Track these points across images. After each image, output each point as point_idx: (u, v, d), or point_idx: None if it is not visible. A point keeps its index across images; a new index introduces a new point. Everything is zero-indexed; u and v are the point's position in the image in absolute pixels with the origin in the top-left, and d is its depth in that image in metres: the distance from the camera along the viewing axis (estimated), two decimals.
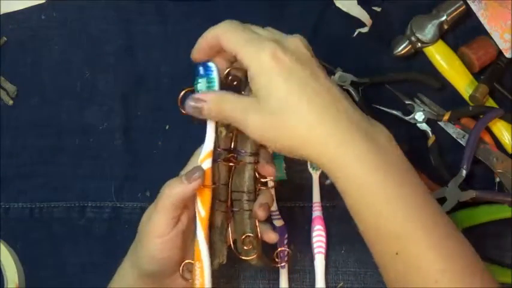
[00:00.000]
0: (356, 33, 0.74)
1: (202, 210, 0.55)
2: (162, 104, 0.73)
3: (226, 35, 0.50)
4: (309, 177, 0.70)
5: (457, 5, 0.72)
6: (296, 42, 0.50)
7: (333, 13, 0.75)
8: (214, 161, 0.55)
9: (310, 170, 0.70)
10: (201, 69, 0.54)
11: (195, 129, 0.72)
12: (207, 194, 0.55)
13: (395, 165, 0.48)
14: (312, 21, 0.75)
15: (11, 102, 0.74)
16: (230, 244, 0.57)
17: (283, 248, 0.59)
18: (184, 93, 0.54)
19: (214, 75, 0.54)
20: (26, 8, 0.76)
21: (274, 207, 0.68)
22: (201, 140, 0.72)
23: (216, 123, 0.55)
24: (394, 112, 0.71)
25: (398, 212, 0.46)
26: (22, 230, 0.70)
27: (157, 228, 0.54)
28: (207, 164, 0.55)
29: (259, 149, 0.56)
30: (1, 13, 0.76)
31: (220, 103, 0.51)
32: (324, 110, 0.47)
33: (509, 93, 0.72)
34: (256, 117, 0.49)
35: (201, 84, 0.54)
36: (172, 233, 0.54)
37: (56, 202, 0.71)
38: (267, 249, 0.59)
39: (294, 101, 0.47)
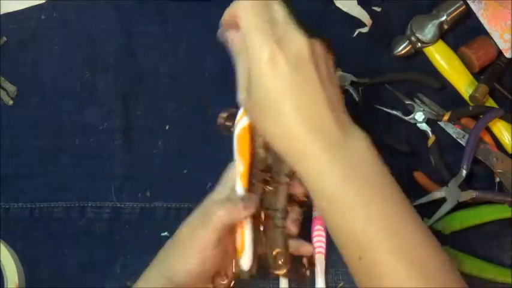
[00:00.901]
0: (356, 33, 0.74)
1: (241, 165, 0.56)
2: (162, 104, 0.73)
3: (242, 13, 0.50)
4: None
5: (457, 5, 0.72)
6: (301, 46, 0.49)
7: (333, 13, 0.75)
8: (250, 182, 0.57)
9: None
10: None
11: (195, 129, 0.73)
12: (246, 150, 0.55)
13: (362, 173, 0.48)
14: (312, 21, 0.75)
15: (11, 102, 0.74)
16: (258, 258, 0.58)
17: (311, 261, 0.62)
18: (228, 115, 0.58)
19: None
20: (26, 8, 0.76)
21: None
22: (201, 140, 0.72)
23: (254, 142, 0.57)
24: (394, 112, 0.71)
25: (360, 217, 0.46)
26: (22, 230, 0.70)
27: (201, 245, 0.54)
28: (243, 122, 0.56)
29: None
30: (1, 13, 0.76)
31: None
32: (299, 118, 0.47)
33: (509, 93, 0.72)
34: (245, 98, 0.51)
35: None
36: (215, 250, 0.54)
37: (56, 202, 0.71)
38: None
39: (275, 99, 0.48)
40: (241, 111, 0.57)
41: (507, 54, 0.72)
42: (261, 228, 0.58)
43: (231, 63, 0.74)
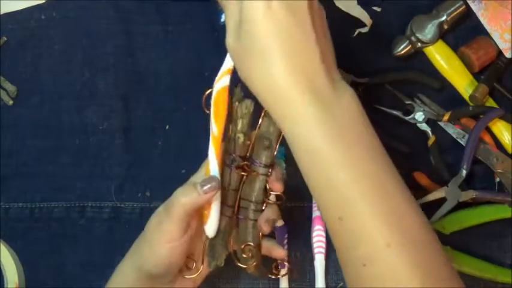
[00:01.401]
0: (356, 33, 0.74)
1: (215, 127, 0.55)
2: (162, 104, 0.73)
3: None
4: None
5: (457, 5, 0.72)
6: None
7: (333, 13, 0.75)
8: (227, 166, 0.56)
9: None
10: None
11: (195, 129, 0.73)
12: (222, 112, 0.54)
13: (350, 131, 0.46)
14: None
15: (11, 102, 0.74)
16: (230, 249, 0.57)
17: (280, 261, 0.60)
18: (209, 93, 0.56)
19: None
20: (26, 8, 0.76)
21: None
22: (201, 140, 0.72)
23: (234, 126, 0.56)
24: (394, 112, 0.71)
25: (347, 175, 0.45)
26: (22, 230, 0.70)
27: (168, 234, 0.54)
28: (224, 81, 0.54)
29: (273, 162, 0.56)
30: (1, 13, 0.76)
31: None
32: (290, 67, 0.46)
33: (509, 93, 0.72)
34: (233, 41, 0.48)
35: None
36: (182, 239, 0.54)
37: (56, 202, 0.71)
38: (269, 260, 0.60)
39: (266, 44, 0.46)
40: (223, 69, 0.55)
41: (507, 54, 0.72)
42: (234, 218, 0.57)
43: None
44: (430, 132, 0.70)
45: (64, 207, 0.71)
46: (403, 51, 0.72)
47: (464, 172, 0.67)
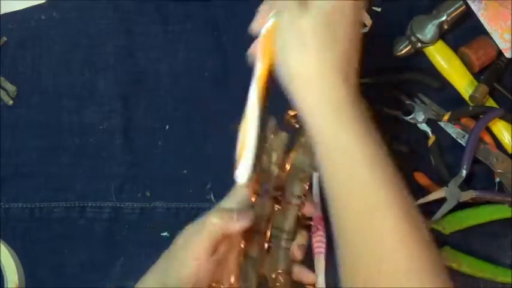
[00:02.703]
0: None
1: (260, 63, 0.53)
2: (162, 104, 0.73)
3: None
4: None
5: (457, 5, 0.72)
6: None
7: None
8: (261, 196, 0.56)
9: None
10: None
11: (195, 129, 0.73)
12: (269, 48, 0.52)
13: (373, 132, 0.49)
14: None
15: (11, 102, 0.74)
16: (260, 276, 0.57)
17: (308, 285, 0.59)
18: None
19: None
20: (26, 8, 0.76)
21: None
22: (201, 140, 0.72)
23: (269, 158, 0.56)
24: (394, 112, 0.71)
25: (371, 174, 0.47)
26: (22, 230, 0.70)
27: (196, 251, 0.54)
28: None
29: (307, 192, 0.57)
30: (1, 13, 0.76)
31: None
32: (329, 62, 0.47)
33: (509, 93, 0.72)
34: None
35: None
36: (209, 260, 0.54)
37: (56, 202, 0.71)
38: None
39: (306, 38, 0.47)
40: (272, 14, 0.54)
41: (507, 54, 0.72)
42: (266, 247, 0.58)
43: (230, 63, 0.75)
44: (430, 132, 0.70)
45: (64, 207, 0.71)
46: (403, 51, 0.72)
47: (464, 172, 0.67)
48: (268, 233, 0.57)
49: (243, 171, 0.53)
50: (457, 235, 0.68)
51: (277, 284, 0.57)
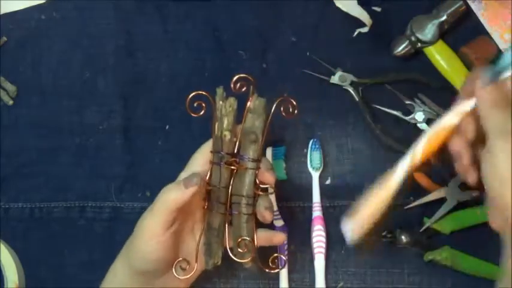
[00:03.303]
0: (356, 33, 0.74)
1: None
2: (162, 104, 0.73)
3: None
4: (309, 177, 0.70)
5: (457, 5, 0.72)
6: None
7: (333, 13, 0.75)
8: (216, 164, 0.57)
9: (310, 169, 0.70)
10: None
11: (195, 129, 0.73)
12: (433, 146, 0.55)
13: None
14: (312, 21, 0.75)
15: (11, 102, 0.74)
16: (226, 246, 0.57)
17: (279, 254, 0.60)
18: (192, 97, 0.57)
19: None
20: (26, 8, 0.77)
21: (274, 207, 0.68)
22: (201, 140, 0.72)
23: (221, 125, 0.57)
24: (394, 112, 0.71)
25: None
26: (22, 230, 0.70)
27: (151, 230, 0.55)
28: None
29: (261, 155, 0.57)
30: (1, 13, 0.76)
31: None
32: None
33: None
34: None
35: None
36: (165, 234, 0.55)
37: (56, 202, 0.71)
38: (267, 253, 0.59)
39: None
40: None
41: None
42: (227, 215, 0.58)
43: (230, 63, 0.75)
44: None
45: (64, 207, 0.71)
46: (403, 51, 0.72)
47: None
48: (228, 201, 0.57)
49: (352, 230, 0.55)
50: (457, 235, 0.68)
51: (240, 251, 0.56)
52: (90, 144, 0.72)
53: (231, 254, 0.57)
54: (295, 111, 0.58)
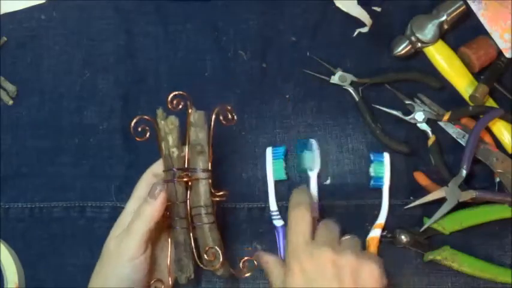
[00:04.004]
0: (356, 33, 0.74)
1: None
2: (162, 104, 0.73)
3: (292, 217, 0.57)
4: (309, 177, 0.70)
5: (457, 5, 0.72)
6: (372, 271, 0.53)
7: (333, 13, 0.75)
8: (170, 181, 0.59)
9: (308, 171, 0.70)
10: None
11: None
12: None
13: None
14: (312, 21, 0.75)
15: (11, 102, 0.74)
16: (195, 258, 0.59)
17: (248, 258, 0.61)
18: (135, 122, 0.59)
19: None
20: (26, 8, 0.76)
21: (274, 207, 0.68)
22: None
23: (167, 143, 0.59)
24: (394, 112, 0.71)
25: None
26: (22, 230, 0.70)
27: (129, 251, 0.56)
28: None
29: (211, 165, 0.60)
30: (1, 13, 0.76)
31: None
32: None
33: (509, 93, 0.72)
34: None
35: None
36: (142, 256, 0.56)
37: (56, 202, 0.71)
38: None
39: None
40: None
41: (507, 54, 0.72)
42: (190, 228, 0.60)
43: (230, 63, 0.75)
44: (430, 132, 0.70)
45: (64, 207, 0.71)
46: (403, 51, 0.72)
47: (464, 172, 0.67)
48: (189, 214, 0.59)
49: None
50: (457, 235, 0.68)
51: (208, 259, 0.58)
52: (90, 144, 0.72)
53: (201, 265, 0.59)
54: (235, 117, 0.61)
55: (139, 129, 0.59)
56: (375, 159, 0.69)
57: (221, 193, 0.60)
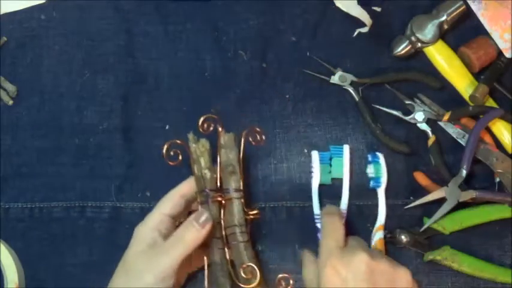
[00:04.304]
0: (356, 33, 0.74)
1: None
2: (162, 104, 0.73)
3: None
4: (309, 177, 0.70)
5: (457, 5, 0.72)
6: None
7: (333, 13, 0.75)
8: (204, 203, 0.60)
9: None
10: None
11: (195, 129, 0.72)
12: None
13: None
14: (312, 21, 0.75)
15: (11, 102, 0.74)
16: (232, 277, 0.60)
17: (285, 275, 0.61)
18: (168, 147, 0.62)
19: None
20: (26, 8, 0.76)
21: (317, 210, 0.68)
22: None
23: (199, 166, 0.61)
24: (394, 112, 0.71)
25: None
26: (22, 230, 0.70)
27: (164, 272, 0.57)
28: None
29: (243, 185, 0.62)
30: (1, 13, 0.76)
31: None
32: None
33: (509, 93, 0.72)
34: None
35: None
36: (175, 277, 0.57)
37: (56, 202, 0.71)
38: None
39: None
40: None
41: (507, 54, 0.72)
42: (226, 248, 0.61)
43: (230, 63, 0.75)
44: (430, 132, 0.70)
45: (64, 207, 0.71)
46: (403, 51, 0.72)
47: (464, 172, 0.67)
48: (224, 234, 0.61)
49: None
50: (457, 235, 0.68)
51: (246, 277, 0.59)
52: (90, 144, 0.72)
53: (239, 283, 0.59)
54: (263, 138, 0.65)
55: (172, 153, 0.62)
56: (372, 160, 0.69)
57: (254, 212, 0.63)
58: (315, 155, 0.69)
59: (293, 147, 0.71)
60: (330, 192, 0.70)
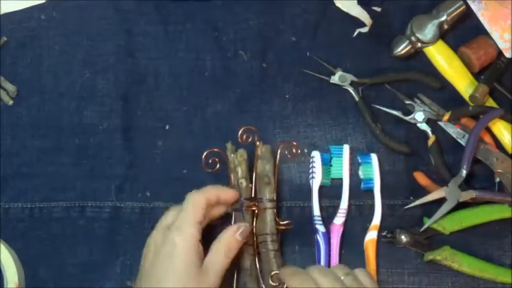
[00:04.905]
0: (356, 33, 0.74)
1: None
2: (162, 104, 0.73)
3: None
4: (309, 177, 0.70)
5: (457, 5, 0.72)
6: None
7: (333, 13, 0.75)
8: (238, 211, 0.63)
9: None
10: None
11: (195, 129, 0.73)
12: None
13: None
14: (312, 21, 0.75)
15: (11, 102, 0.74)
16: (260, 283, 0.62)
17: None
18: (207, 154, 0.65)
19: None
20: (26, 8, 0.76)
21: (317, 212, 0.68)
22: (201, 140, 0.72)
23: (236, 174, 0.64)
24: (394, 112, 0.71)
25: None
26: (22, 230, 0.70)
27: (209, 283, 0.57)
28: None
29: (276, 195, 0.65)
30: (1, 13, 0.76)
31: None
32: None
33: (509, 93, 0.72)
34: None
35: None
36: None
37: (56, 202, 0.71)
38: None
39: None
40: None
41: (507, 54, 0.72)
42: (256, 254, 0.63)
43: (230, 63, 0.75)
44: (430, 132, 0.70)
45: (64, 207, 0.71)
46: (403, 51, 0.72)
47: (464, 172, 0.67)
48: (255, 241, 0.63)
49: None
50: (457, 235, 0.68)
51: (274, 284, 0.61)
52: (90, 144, 0.72)
53: None
54: (299, 152, 0.68)
55: (210, 161, 0.65)
56: (363, 161, 0.69)
57: (286, 222, 0.65)
58: (317, 156, 0.69)
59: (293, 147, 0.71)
60: (329, 192, 0.70)
